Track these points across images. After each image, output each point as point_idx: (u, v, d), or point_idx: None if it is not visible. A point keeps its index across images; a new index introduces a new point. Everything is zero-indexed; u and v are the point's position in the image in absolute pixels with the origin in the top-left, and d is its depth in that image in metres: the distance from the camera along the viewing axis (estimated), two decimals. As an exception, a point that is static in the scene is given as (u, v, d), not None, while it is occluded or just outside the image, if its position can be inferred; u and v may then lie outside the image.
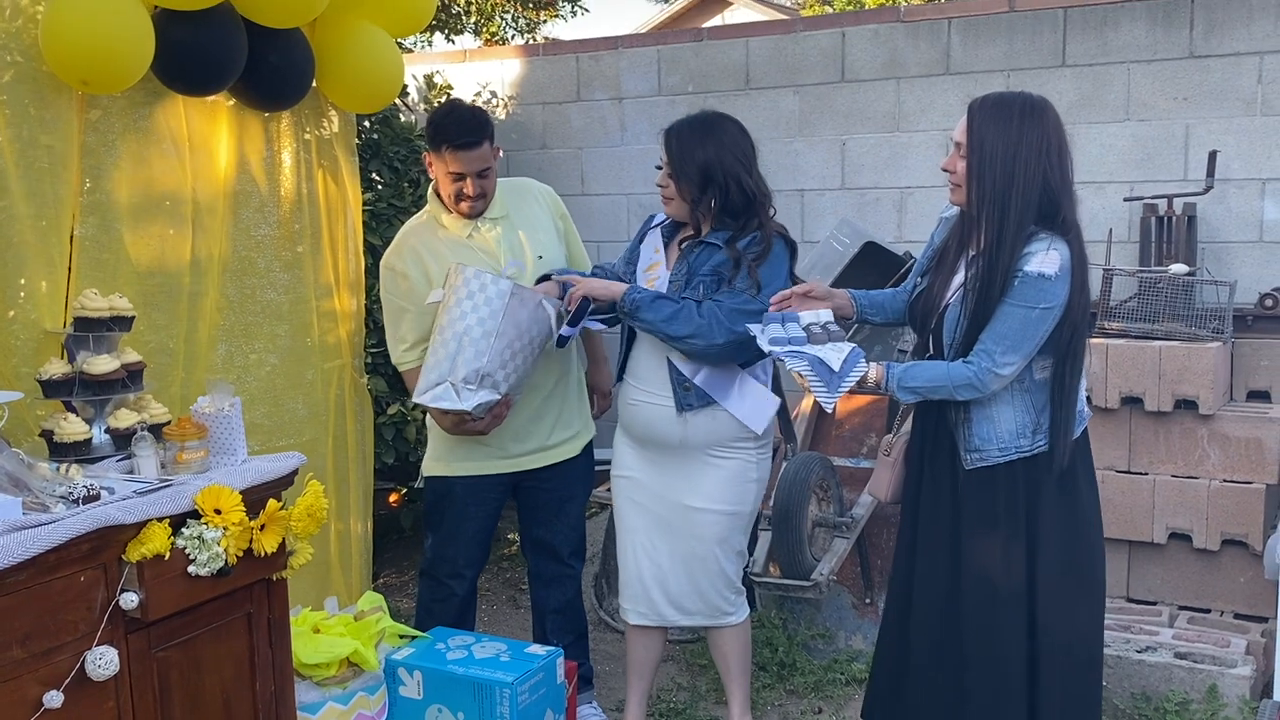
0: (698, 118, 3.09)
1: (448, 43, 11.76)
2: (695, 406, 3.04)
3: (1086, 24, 4.76)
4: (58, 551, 2.21)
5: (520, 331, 3.08)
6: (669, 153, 3.06)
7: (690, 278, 3.03)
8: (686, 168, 3.01)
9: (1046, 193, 2.61)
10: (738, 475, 3.12)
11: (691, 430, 3.07)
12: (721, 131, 3.04)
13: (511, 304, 3.04)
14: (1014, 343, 2.59)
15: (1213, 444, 3.99)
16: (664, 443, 3.12)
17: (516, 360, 3.11)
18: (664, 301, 2.99)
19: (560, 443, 3.45)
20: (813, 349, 2.70)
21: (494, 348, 3.04)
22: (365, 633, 3.11)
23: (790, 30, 5.46)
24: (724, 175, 2.99)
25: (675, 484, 3.14)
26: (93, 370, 2.67)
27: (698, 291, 3.00)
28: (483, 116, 3.23)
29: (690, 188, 3.01)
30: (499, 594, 4.92)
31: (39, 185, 2.74)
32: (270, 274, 3.39)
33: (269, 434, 3.39)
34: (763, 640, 4.04)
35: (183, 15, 2.80)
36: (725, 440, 3.09)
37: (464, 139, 3.16)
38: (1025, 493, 2.71)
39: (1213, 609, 4.03)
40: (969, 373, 2.63)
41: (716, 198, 3.01)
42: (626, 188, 5.86)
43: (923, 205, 5.12)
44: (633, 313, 3.00)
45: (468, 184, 3.21)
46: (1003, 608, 2.74)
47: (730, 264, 2.99)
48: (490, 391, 3.08)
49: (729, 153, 3.00)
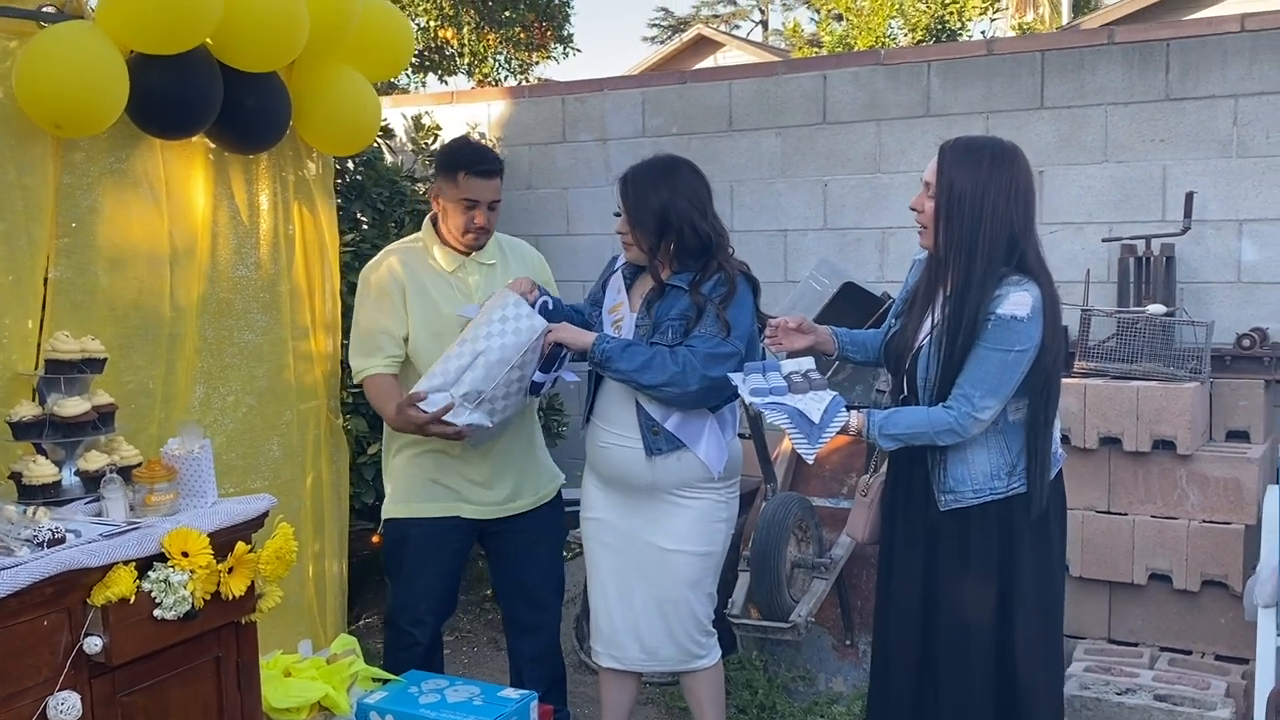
0: (651, 164, 3.09)
1: (441, 84, 11.85)
2: (664, 450, 3.04)
3: (1064, 67, 4.81)
4: (20, 596, 2.21)
5: (529, 371, 3.11)
6: (625, 201, 3.06)
7: (658, 324, 3.02)
8: (642, 216, 3.01)
9: (1011, 238, 2.63)
10: (706, 516, 3.12)
11: (660, 473, 3.07)
12: (674, 176, 3.05)
13: (537, 343, 3.08)
14: (991, 386, 2.61)
15: (1192, 484, 3.99)
16: (633, 484, 3.12)
17: (515, 396, 3.14)
18: (636, 349, 2.98)
19: (528, 495, 3.46)
20: (793, 399, 2.71)
21: (504, 377, 3.07)
22: (337, 676, 3.09)
23: (772, 73, 5.51)
24: (679, 220, 2.99)
25: (645, 525, 3.13)
26: (63, 412, 2.66)
27: (666, 336, 3.00)
28: (498, 155, 3.35)
29: (646, 235, 3.01)
30: (480, 635, 4.90)
31: (14, 227, 2.75)
32: (248, 315, 3.40)
33: (245, 475, 3.39)
34: (743, 682, 4.02)
35: (157, 60, 2.81)
36: (692, 481, 3.09)
37: (483, 166, 3.23)
38: (999, 536, 2.72)
39: (1194, 650, 4.01)
40: (949, 418, 2.63)
41: (673, 242, 3.01)
42: (611, 227, 5.80)
43: (904, 245, 5.14)
44: (604, 363, 3.00)
45: (479, 213, 3.25)
46: (974, 650, 2.73)
47: (694, 309, 2.98)
48: (484, 417, 3.09)
49: (682, 197, 3.00)
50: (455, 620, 5.00)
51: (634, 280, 3.19)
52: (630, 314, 3.11)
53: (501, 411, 3.14)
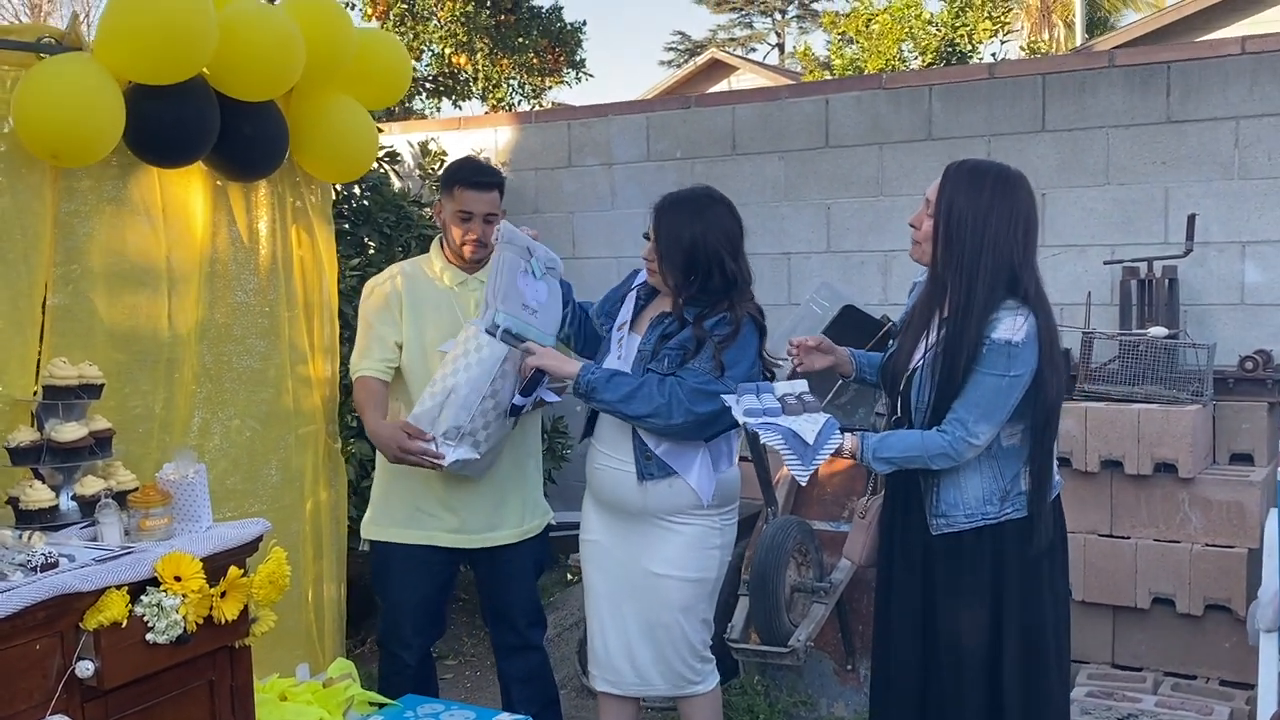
0: (687, 196, 3.06)
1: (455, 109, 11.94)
2: (655, 476, 3.04)
3: (1065, 90, 4.82)
4: (12, 620, 2.22)
5: (504, 397, 3.13)
6: (655, 230, 3.03)
7: (657, 350, 3.03)
8: (671, 251, 2.98)
9: (1010, 266, 2.63)
10: (698, 542, 3.11)
11: (651, 498, 3.07)
12: (709, 211, 3.01)
13: (505, 368, 3.10)
14: (986, 411, 2.60)
15: (1194, 507, 3.97)
16: (626, 508, 3.12)
17: (495, 424, 3.16)
18: (621, 379, 2.98)
19: (507, 529, 3.45)
20: (787, 420, 2.70)
21: (479, 408, 3.10)
22: (333, 700, 3.11)
23: (775, 98, 5.54)
24: (707, 259, 2.97)
25: (638, 549, 3.12)
26: (60, 438, 2.69)
27: (662, 365, 2.99)
28: (496, 170, 3.43)
29: (673, 271, 2.99)
30: (483, 659, 4.90)
31: (12, 254, 2.78)
32: (246, 340, 3.43)
33: (245, 499, 3.41)
34: (744, 707, 4.01)
35: (154, 89, 2.85)
36: (684, 508, 3.08)
37: (476, 179, 3.31)
38: (991, 562, 2.70)
39: (1198, 675, 3.98)
40: (943, 442, 2.63)
41: (698, 280, 2.99)
42: (617, 250, 5.91)
43: (907, 268, 5.14)
44: (589, 394, 3.00)
45: (474, 224, 3.31)
46: (968, 676, 2.72)
47: (693, 342, 2.98)
48: (470, 450, 3.13)
49: (714, 235, 2.97)
50: (458, 644, 5.01)
51: (648, 302, 3.17)
52: (635, 336, 3.10)
53: (486, 441, 3.17)
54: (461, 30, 11.06)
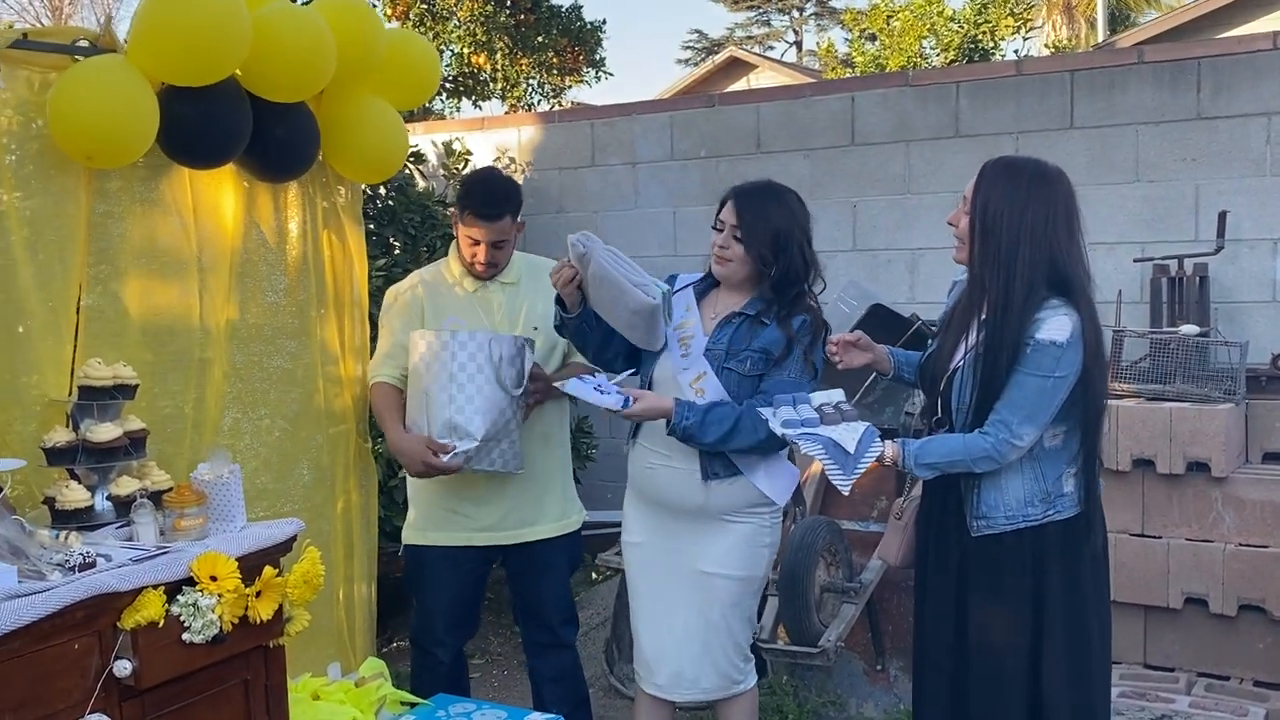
0: (764, 185, 3.06)
1: (475, 109, 11.96)
2: (721, 476, 3.01)
3: (1093, 87, 4.79)
4: (51, 619, 2.23)
5: (471, 375, 3.14)
6: (740, 216, 2.99)
7: (731, 350, 3.00)
8: (759, 232, 2.97)
9: (1053, 262, 2.59)
10: (751, 540, 3.09)
11: (714, 496, 3.03)
12: (788, 198, 3.04)
13: (443, 356, 3.15)
14: (1030, 412, 2.57)
15: (1227, 507, 3.94)
16: (682, 507, 3.08)
17: (478, 401, 3.15)
18: (715, 416, 2.91)
19: (544, 523, 3.45)
20: (826, 430, 2.67)
21: (453, 399, 3.14)
22: (365, 700, 3.11)
23: (800, 95, 5.52)
24: (789, 242, 2.98)
25: (688, 549, 3.09)
26: (96, 438, 2.70)
27: (744, 366, 2.97)
28: (510, 190, 3.35)
29: (763, 252, 2.97)
30: (510, 658, 4.90)
31: (48, 256, 2.80)
32: (277, 341, 3.43)
33: (276, 499, 3.41)
34: (773, 707, 4.00)
35: (187, 91, 2.86)
36: (743, 505, 3.06)
37: (484, 210, 3.28)
38: (1033, 564, 2.67)
39: (1231, 676, 3.95)
40: (986, 444, 2.60)
41: (781, 266, 2.98)
42: (640, 250, 5.90)
43: (934, 267, 5.13)
44: (687, 439, 2.94)
45: (481, 250, 3.32)
46: (1008, 679, 2.69)
47: (779, 344, 2.97)
48: (468, 440, 3.14)
49: (796, 222, 3.00)
50: (485, 643, 5.02)
51: (702, 297, 3.15)
52: (702, 335, 3.06)
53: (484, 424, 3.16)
54: (481, 30, 11.07)
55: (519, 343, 3.22)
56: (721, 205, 3.07)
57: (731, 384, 2.99)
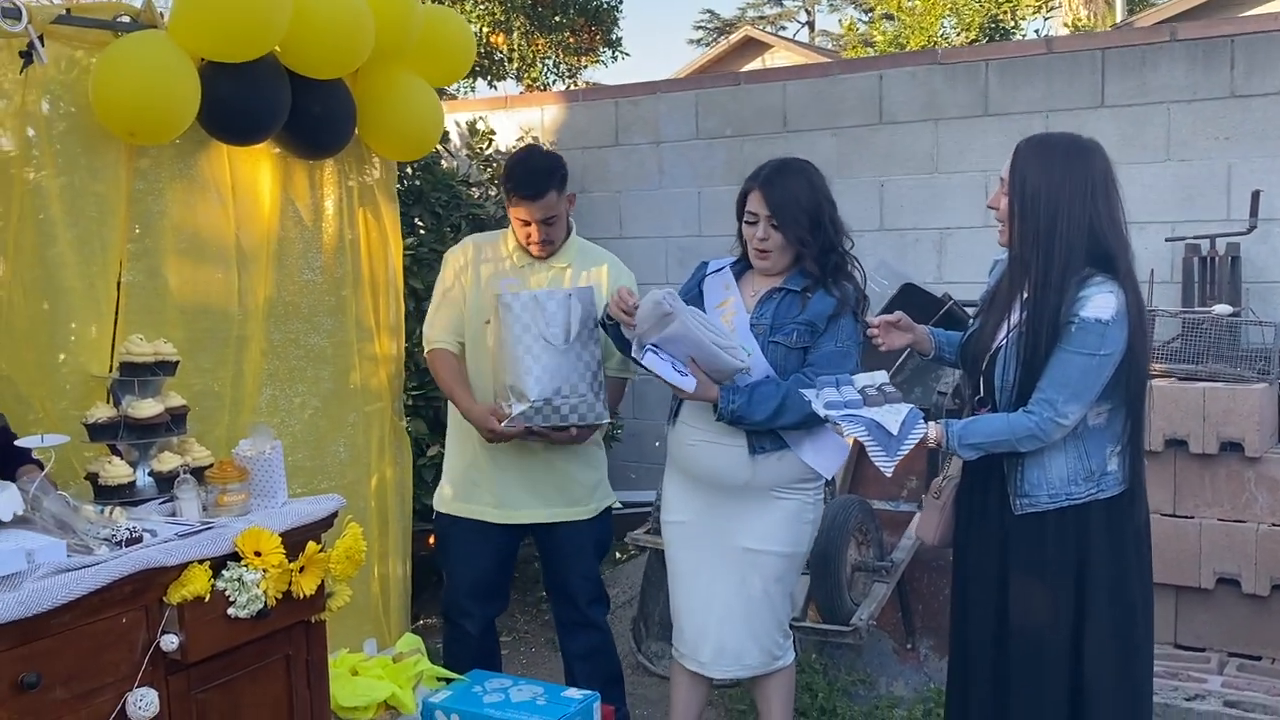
0: (781, 165, 3.05)
1: (490, 89, 11.94)
2: (768, 450, 3.01)
3: (1125, 65, 4.75)
4: (100, 593, 2.24)
5: (518, 336, 3.11)
6: (770, 204, 2.98)
7: (776, 324, 3.00)
8: (792, 214, 2.96)
9: (1094, 236, 2.57)
10: (795, 516, 3.09)
11: (761, 471, 3.03)
12: (810, 171, 3.04)
13: (507, 317, 3.12)
14: (1075, 391, 2.55)
15: (1260, 487, 3.93)
16: (727, 484, 3.07)
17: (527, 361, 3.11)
18: (760, 395, 2.92)
19: (570, 507, 3.44)
20: (869, 411, 2.66)
21: (507, 362, 3.12)
22: (403, 675, 3.12)
23: (827, 73, 5.49)
24: (822, 216, 2.99)
25: (732, 526, 3.09)
26: (137, 414, 2.71)
27: (791, 338, 2.97)
28: (551, 165, 3.33)
29: (799, 231, 2.96)
30: (537, 636, 4.92)
31: (87, 232, 2.81)
32: (314, 318, 3.44)
33: (311, 476, 3.43)
34: (803, 685, 4.00)
35: (228, 67, 2.86)
36: (789, 480, 3.05)
37: (525, 189, 3.26)
38: (1076, 543, 2.65)
39: (1263, 656, 3.95)
40: (1031, 424, 2.58)
41: (820, 239, 2.98)
42: (665, 231, 5.90)
43: (962, 246, 5.11)
44: (736, 422, 2.95)
45: (533, 229, 3.31)
46: (1049, 658, 2.68)
47: (828, 315, 2.97)
48: (520, 401, 3.12)
49: (821, 193, 3.01)
50: (512, 621, 5.03)
51: (740, 276, 3.14)
52: (744, 311, 3.06)
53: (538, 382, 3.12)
54: (499, 9, 11.05)
55: (566, 296, 3.17)
56: (744, 196, 3.06)
57: (778, 357, 2.99)
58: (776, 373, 2.98)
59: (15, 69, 2.66)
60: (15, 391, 2.77)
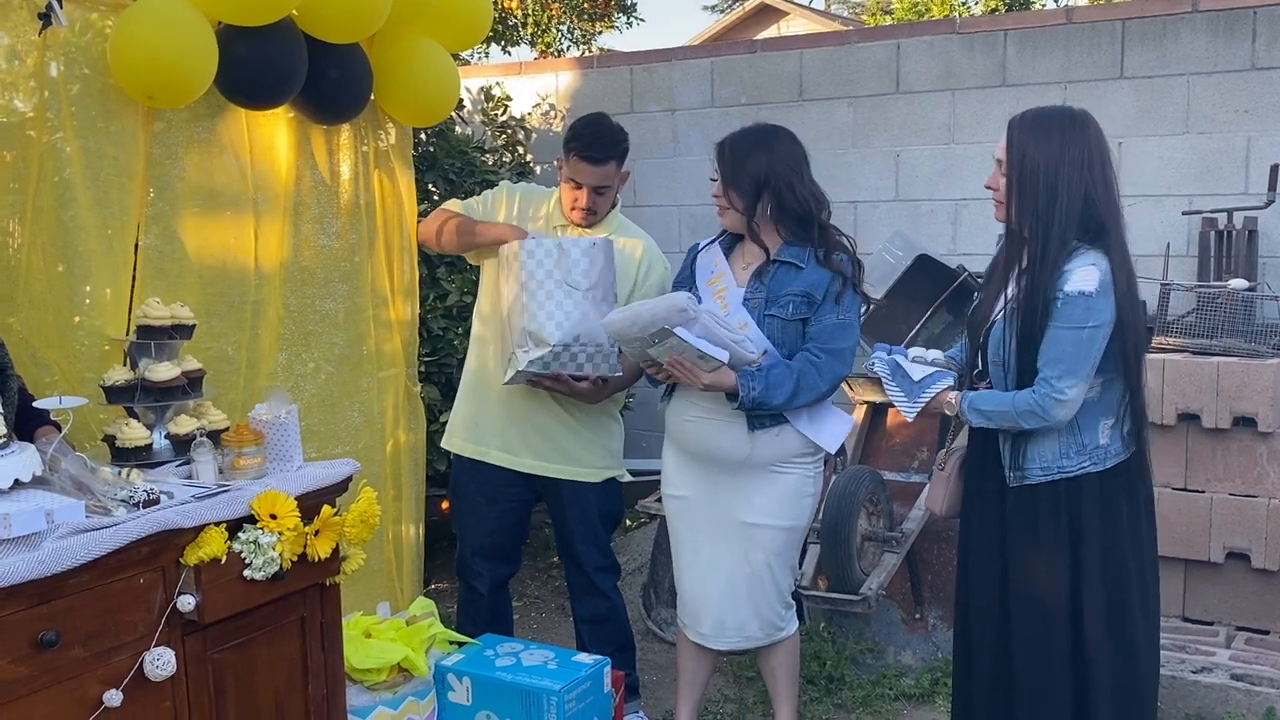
0: (750, 129, 3.11)
1: (504, 54, 11.87)
2: (767, 425, 3.02)
3: (1145, 36, 4.71)
4: (118, 554, 2.26)
5: (540, 282, 3.10)
6: (721, 162, 3.06)
7: (770, 297, 3.00)
8: (739, 176, 3.01)
9: (1089, 207, 2.59)
10: (795, 490, 3.11)
11: (760, 447, 3.05)
12: (775, 139, 3.06)
13: (514, 265, 3.12)
14: (1069, 365, 2.57)
15: (1272, 462, 3.92)
16: (726, 459, 3.09)
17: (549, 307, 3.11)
18: (775, 379, 2.93)
19: (575, 466, 3.44)
20: (899, 357, 2.80)
21: (527, 307, 3.10)
22: (416, 638, 3.15)
23: (844, 42, 5.45)
24: (776, 181, 2.99)
25: (732, 501, 3.11)
26: (154, 377, 2.73)
27: (787, 310, 2.98)
28: (619, 136, 3.34)
29: (742, 195, 3.01)
30: (548, 601, 4.96)
31: (105, 195, 2.81)
32: (329, 283, 3.45)
33: (325, 441, 3.45)
34: (811, 653, 4.03)
35: (245, 31, 2.86)
36: (788, 455, 3.07)
37: (589, 152, 3.27)
38: (1068, 515, 2.68)
39: (1271, 630, 3.96)
40: (1031, 399, 2.60)
41: (770, 205, 3.01)
42: (679, 199, 5.88)
43: (977, 217, 5.08)
44: (756, 408, 2.96)
45: (583, 194, 3.31)
46: (1050, 629, 2.70)
47: (837, 279, 2.98)
48: (539, 347, 3.11)
49: (780, 160, 3.01)
50: (523, 586, 5.07)
51: (730, 252, 3.16)
52: (736, 286, 3.07)
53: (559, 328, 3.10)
54: (514, -28, 10.98)
55: (590, 244, 3.15)
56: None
57: (775, 331, 3.00)
58: (774, 346, 2.99)
59: (33, 30, 2.66)
60: (33, 354, 2.78)
